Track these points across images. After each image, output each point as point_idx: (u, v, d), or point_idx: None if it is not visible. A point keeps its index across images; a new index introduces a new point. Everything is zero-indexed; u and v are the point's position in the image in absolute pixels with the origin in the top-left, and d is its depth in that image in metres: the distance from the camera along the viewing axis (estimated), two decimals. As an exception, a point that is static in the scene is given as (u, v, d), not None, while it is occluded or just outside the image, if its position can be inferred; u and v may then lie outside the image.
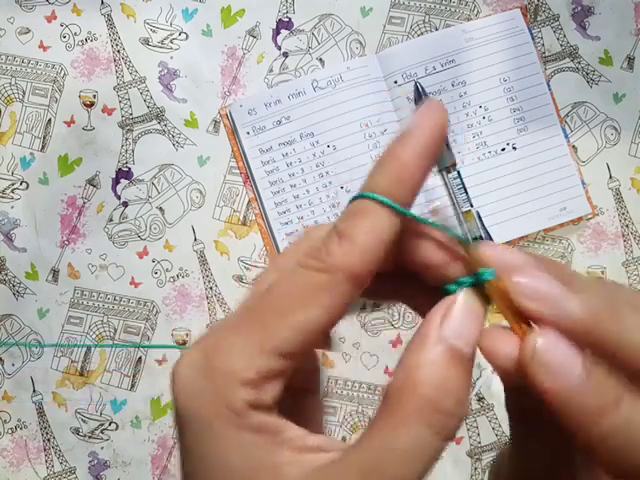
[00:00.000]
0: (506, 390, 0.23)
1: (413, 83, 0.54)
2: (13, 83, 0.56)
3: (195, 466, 0.20)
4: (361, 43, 0.56)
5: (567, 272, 0.21)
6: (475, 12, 0.55)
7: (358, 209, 0.20)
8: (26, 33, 0.56)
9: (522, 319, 0.20)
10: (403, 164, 0.20)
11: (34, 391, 0.55)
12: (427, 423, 0.18)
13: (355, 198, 0.20)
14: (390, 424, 0.18)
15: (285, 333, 0.19)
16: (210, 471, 0.19)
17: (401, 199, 0.20)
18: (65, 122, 0.56)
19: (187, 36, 0.56)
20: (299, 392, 0.25)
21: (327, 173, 0.54)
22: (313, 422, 0.25)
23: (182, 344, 0.55)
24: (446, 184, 0.54)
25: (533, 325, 0.20)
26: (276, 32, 0.56)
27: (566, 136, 0.55)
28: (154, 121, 0.56)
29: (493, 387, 0.54)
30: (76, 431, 0.55)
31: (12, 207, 0.56)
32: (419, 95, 0.53)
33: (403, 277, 0.22)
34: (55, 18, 0.56)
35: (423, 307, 0.22)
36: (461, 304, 0.20)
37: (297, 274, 0.20)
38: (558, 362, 0.18)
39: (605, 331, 0.19)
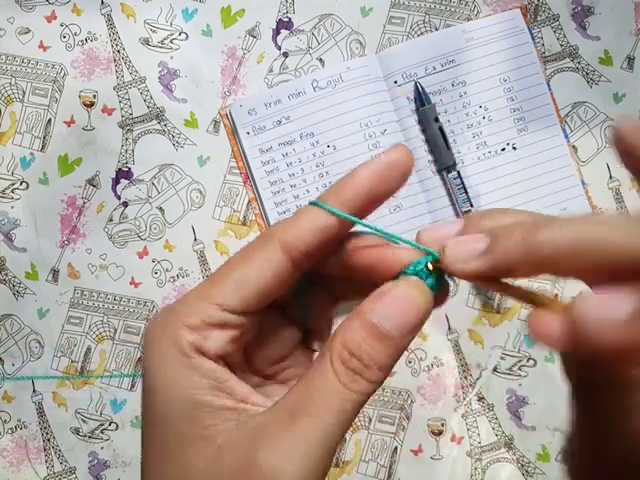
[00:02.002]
0: (567, 364, 0.23)
1: (413, 83, 0.54)
2: (13, 83, 0.56)
3: (148, 400, 0.23)
4: (361, 43, 0.56)
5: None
6: (475, 12, 0.55)
7: (307, 207, 0.24)
8: (26, 33, 0.56)
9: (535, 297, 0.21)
10: (349, 187, 0.23)
11: (34, 391, 0.55)
12: (338, 375, 0.21)
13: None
14: (310, 373, 0.22)
15: (226, 288, 0.23)
16: (158, 402, 0.22)
17: (341, 207, 0.23)
18: (65, 122, 0.56)
19: (187, 36, 0.56)
20: None
21: (327, 173, 0.54)
22: None
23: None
24: (446, 184, 0.54)
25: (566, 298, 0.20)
26: (276, 32, 0.56)
27: (566, 136, 0.55)
28: (154, 121, 0.56)
29: (493, 387, 0.54)
30: (76, 431, 0.55)
31: (12, 207, 0.56)
32: (419, 95, 0.53)
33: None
34: (55, 18, 0.56)
35: None
36: (393, 290, 0.22)
37: (251, 242, 0.24)
38: (609, 316, 0.18)
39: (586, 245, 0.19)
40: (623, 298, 0.17)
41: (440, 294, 0.23)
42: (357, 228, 0.25)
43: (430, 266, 0.23)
